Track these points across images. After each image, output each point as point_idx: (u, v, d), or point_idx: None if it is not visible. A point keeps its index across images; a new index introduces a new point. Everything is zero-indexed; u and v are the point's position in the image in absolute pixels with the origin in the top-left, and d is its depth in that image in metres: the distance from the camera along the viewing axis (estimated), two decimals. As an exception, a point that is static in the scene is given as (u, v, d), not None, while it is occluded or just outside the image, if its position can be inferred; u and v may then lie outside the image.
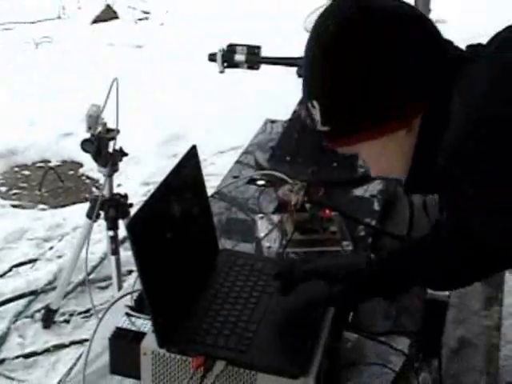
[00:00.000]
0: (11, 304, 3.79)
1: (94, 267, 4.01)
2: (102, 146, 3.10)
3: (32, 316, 3.73)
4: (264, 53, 2.74)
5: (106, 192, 3.23)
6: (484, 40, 1.46)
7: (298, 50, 2.36)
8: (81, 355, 1.81)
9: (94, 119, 3.05)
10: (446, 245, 1.61)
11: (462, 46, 1.46)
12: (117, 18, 9.24)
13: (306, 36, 1.48)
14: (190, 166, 1.81)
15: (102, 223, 3.30)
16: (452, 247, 1.60)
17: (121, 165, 3.21)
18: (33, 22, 8.95)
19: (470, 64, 1.38)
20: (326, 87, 1.42)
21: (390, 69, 1.37)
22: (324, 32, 1.42)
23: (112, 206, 3.22)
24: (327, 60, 1.41)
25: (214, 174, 3.81)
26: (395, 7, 1.43)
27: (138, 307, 1.76)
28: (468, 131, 1.29)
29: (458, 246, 1.58)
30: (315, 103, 1.44)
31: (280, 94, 4.67)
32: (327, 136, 1.48)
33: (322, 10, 2.56)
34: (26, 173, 5.42)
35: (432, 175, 1.38)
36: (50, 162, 5.54)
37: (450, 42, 1.46)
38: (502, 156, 1.24)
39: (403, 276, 1.65)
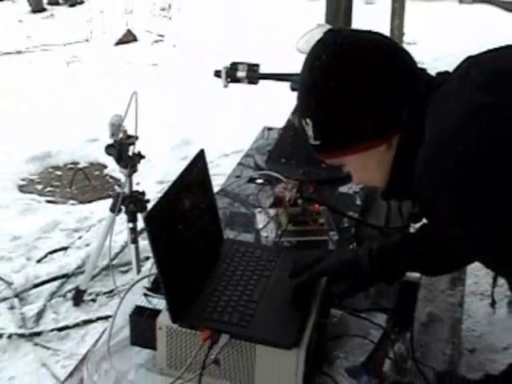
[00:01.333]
0: (47, 285, 3.79)
1: (117, 254, 4.00)
2: (123, 150, 3.09)
3: (64, 295, 3.73)
4: (262, 70, 2.73)
5: (126, 190, 3.22)
6: (450, 58, 1.45)
7: (291, 67, 2.36)
8: (105, 329, 1.80)
9: (116, 127, 3.04)
10: (426, 243, 1.63)
11: (432, 64, 1.46)
12: (136, 40, 9.23)
13: (297, 55, 1.48)
14: (198, 167, 1.81)
15: (123, 216, 3.30)
16: (428, 245, 1.62)
17: (139, 166, 3.21)
18: (65, 45, 8.94)
19: (439, 90, 1.38)
20: (318, 109, 1.43)
21: (373, 96, 1.38)
22: (316, 63, 1.43)
23: (132, 202, 3.22)
24: (319, 87, 1.42)
25: (220, 173, 3.79)
26: (378, 41, 1.44)
27: (154, 288, 1.75)
28: (436, 150, 1.28)
29: (431, 245, 1.60)
30: (308, 121, 1.45)
31: (276, 105, 4.67)
32: (317, 149, 1.48)
33: (311, 33, 2.56)
34: (59, 173, 5.41)
35: (407, 186, 1.38)
36: (79, 163, 5.53)
37: (423, 70, 1.46)
38: (464, 169, 1.23)
39: (399, 266, 1.66)
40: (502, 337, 3.33)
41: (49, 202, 4.90)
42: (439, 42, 8.33)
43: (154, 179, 5.03)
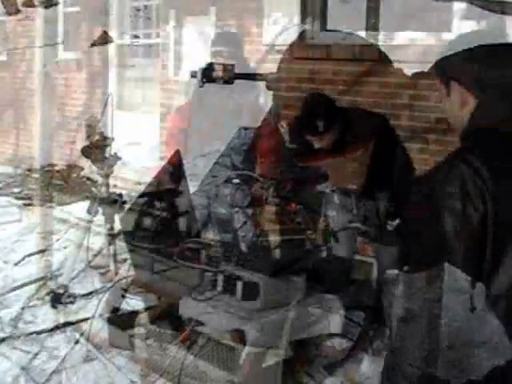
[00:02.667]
0: (25, 288, 3.77)
1: (95, 256, 3.98)
2: (100, 152, 3.08)
3: (42, 298, 3.71)
4: (237, 69, 2.73)
5: (103, 191, 3.21)
6: (426, 56, 1.46)
7: (267, 66, 2.36)
8: (84, 331, 1.79)
9: (92, 129, 3.03)
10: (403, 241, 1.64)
11: (407, 62, 1.46)
12: (112, 42, 9.20)
13: (273, 54, 1.47)
14: (175, 167, 1.80)
15: (100, 218, 3.28)
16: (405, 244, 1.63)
17: (116, 168, 3.19)
18: (41, 47, 8.90)
19: None
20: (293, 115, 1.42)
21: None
22: None
23: (109, 203, 3.20)
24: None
25: (196, 174, 3.78)
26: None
27: (132, 290, 1.74)
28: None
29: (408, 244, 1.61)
30: (283, 124, 1.44)
31: (251, 105, 4.65)
32: (293, 153, 1.48)
33: (286, 33, 2.57)
34: (36, 176, 5.38)
35: (384, 187, 1.39)
36: (56, 166, 5.50)
37: (400, 70, 1.46)
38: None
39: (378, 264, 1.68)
40: (479, 332, 3.35)
41: (26, 204, 4.88)
42: (415, 40, 8.37)
43: (130, 180, 5.01)
